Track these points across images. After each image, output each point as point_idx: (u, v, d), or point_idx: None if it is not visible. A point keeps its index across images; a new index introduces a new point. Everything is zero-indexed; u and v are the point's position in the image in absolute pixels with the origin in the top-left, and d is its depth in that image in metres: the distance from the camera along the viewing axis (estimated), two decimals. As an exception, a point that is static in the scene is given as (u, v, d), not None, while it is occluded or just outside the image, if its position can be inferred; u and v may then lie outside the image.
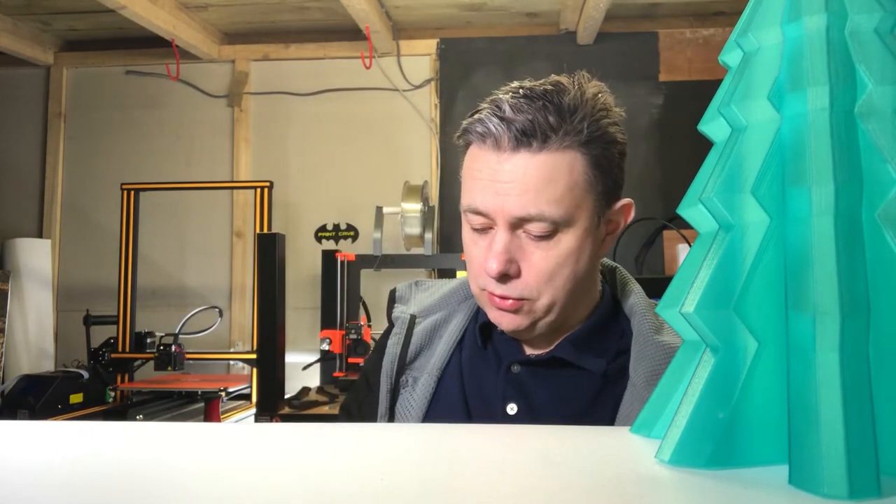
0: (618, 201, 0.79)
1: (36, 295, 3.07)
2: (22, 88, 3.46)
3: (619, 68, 3.18)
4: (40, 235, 3.33)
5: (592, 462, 0.34)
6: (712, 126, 0.38)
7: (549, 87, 0.75)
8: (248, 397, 2.75)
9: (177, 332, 2.60)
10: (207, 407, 2.49)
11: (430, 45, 3.26)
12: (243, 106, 3.31)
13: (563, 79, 0.78)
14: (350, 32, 3.14)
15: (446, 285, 0.93)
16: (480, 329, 0.85)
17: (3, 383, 2.54)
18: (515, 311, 0.76)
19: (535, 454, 0.36)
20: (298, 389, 2.40)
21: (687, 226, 1.40)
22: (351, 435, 0.41)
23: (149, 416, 2.40)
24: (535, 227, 0.73)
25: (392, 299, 0.97)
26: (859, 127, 0.32)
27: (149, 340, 2.75)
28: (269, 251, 2.29)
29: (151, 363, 2.62)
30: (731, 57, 0.38)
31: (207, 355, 2.80)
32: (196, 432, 0.44)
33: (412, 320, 0.90)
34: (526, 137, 0.72)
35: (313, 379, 2.60)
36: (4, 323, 2.84)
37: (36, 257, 3.11)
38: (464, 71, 3.24)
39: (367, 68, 3.11)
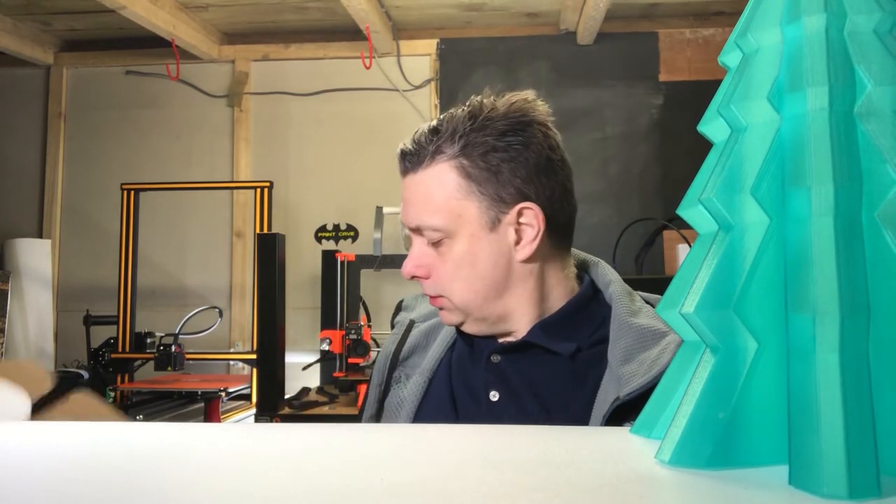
0: (516, 206, 0.83)
1: (36, 295, 3.07)
2: (22, 88, 3.46)
3: (619, 68, 3.18)
4: (40, 235, 3.33)
5: (592, 462, 0.34)
6: (712, 126, 0.38)
7: (446, 113, 0.87)
8: (248, 397, 2.75)
9: (177, 332, 2.60)
10: (207, 407, 2.49)
11: (430, 45, 3.26)
12: (243, 106, 3.31)
13: (476, 100, 0.86)
14: (350, 32, 3.14)
15: None
16: (459, 330, 0.92)
17: (3, 383, 2.53)
18: (443, 308, 0.87)
19: (535, 454, 0.36)
20: (298, 389, 2.40)
21: (687, 226, 1.40)
22: (351, 435, 0.41)
23: (149, 416, 2.40)
24: (427, 236, 0.85)
25: (398, 308, 1.06)
26: (859, 127, 0.32)
27: (149, 340, 2.75)
28: (269, 251, 2.29)
29: (151, 363, 2.61)
30: (730, 58, 0.38)
31: (207, 355, 2.80)
32: (196, 432, 0.44)
33: (411, 324, 0.98)
34: (409, 162, 0.86)
35: (313, 379, 2.60)
36: (4, 323, 2.84)
37: (36, 257, 3.11)
38: (464, 71, 3.24)
39: (367, 68, 3.11)
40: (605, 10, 2.81)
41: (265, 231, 2.69)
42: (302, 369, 2.56)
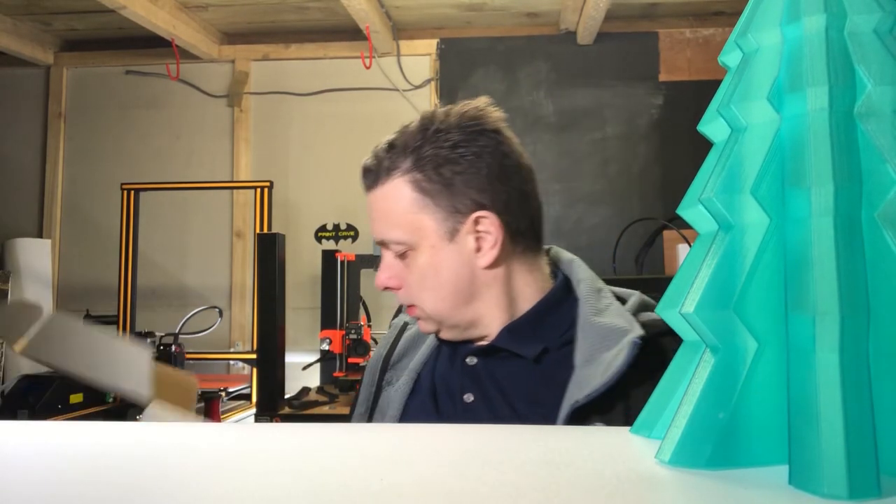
0: (472, 215, 0.84)
1: (36, 295, 3.07)
2: (22, 88, 3.46)
3: (619, 68, 3.18)
4: (40, 235, 3.33)
5: (592, 462, 0.34)
6: (712, 127, 0.38)
7: (402, 127, 0.89)
8: (248, 397, 2.75)
9: (177, 332, 2.60)
10: (207, 407, 2.49)
11: (430, 45, 3.26)
12: (243, 106, 3.31)
13: (428, 112, 0.89)
14: (350, 32, 3.14)
15: None
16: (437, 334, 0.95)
17: (3, 383, 2.54)
18: (419, 318, 0.89)
19: (535, 454, 0.36)
20: (298, 389, 2.40)
21: (687, 226, 1.41)
22: (351, 435, 0.41)
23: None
24: (393, 248, 0.88)
25: (398, 311, 1.10)
26: (859, 127, 0.32)
27: (149, 340, 2.74)
28: (269, 251, 2.29)
29: (151, 363, 2.61)
30: (730, 58, 0.38)
31: (207, 355, 2.80)
32: (196, 432, 0.44)
33: (404, 326, 1.00)
34: (368, 179, 0.88)
35: (313, 379, 2.60)
36: (4, 323, 2.83)
37: (36, 257, 3.11)
38: (464, 71, 3.23)
39: (367, 68, 3.11)
40: (605, 10, 2.81)
41: (265, 231, 2.69)
42: (302, 369, 2.56)
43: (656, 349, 0.76)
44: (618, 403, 0.75)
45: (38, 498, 0.31)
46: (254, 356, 2.45)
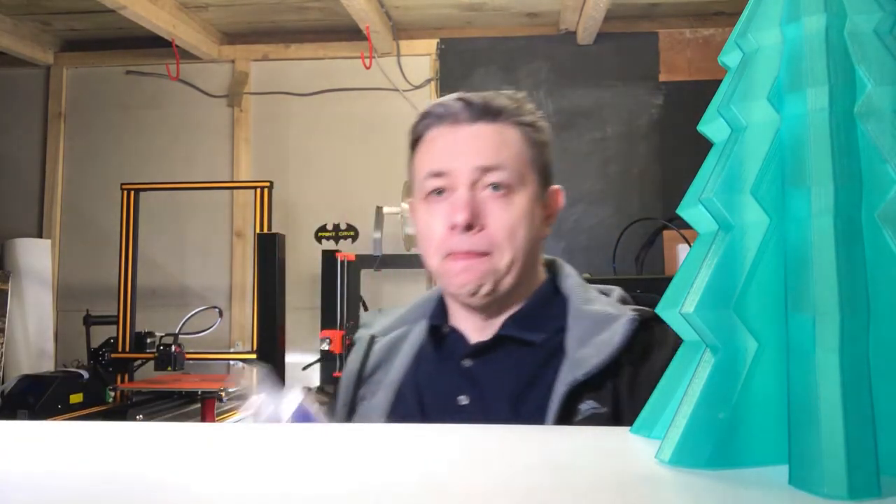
0: (551, 186, 0.91)
1: (36, 295, 3.07)
2: (22, 88, 3.45)
3: (618, 68, 3.18)
4: (40, 235, 3.33)
5: (592, 462, 0.34)
6: (712, 126, 0.38)
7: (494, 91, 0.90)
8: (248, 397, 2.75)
9: (177, 332, 2.60)
10: (203, 407, 2.49)
11: (430, 45, 3.26)
12: (243, 106, 3.31)
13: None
14: (350, 32, 3.14)
15: (406, 306, 1.01)
16: (431, 330, 0.92)
17: (3, 383, 2.54)
18: (479, 275, 0.83)
19: (535, 454, 0.36)
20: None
21: (687, 226, 1.40)
22: (350, 435, 0.41)
23: (149, 416, 2.40)
24: (496, 176, 0.83)
25: (356, 324, 1.08)
26: (859, 127, 0.32)
27: (149, 340, 2.74)
28: (269, 251, 2.29)
29: (151, 363, 2.61)
30: (730, 58, 0.38)
31: (207, 355, 2.80)
32: (196, 432, 0.44)
33: (372, 339, 0.98)
34: (481, 112, 0.86)
35: (313, 379, 2.60)
36: (4, 323, 2.84)
37: (36, 257, 3.11)
38: (464, 71, 3.23)
39: (367, 68, 3.11)
40: (605, 10, 2.81)
41: (265, 231, 2.69)
42: (302, 369, 2.56)
43: (645, 330, 0.81)
44: (607, 382, 0.79)
45: (38, 498, 0.31)
46: (254, 356, 2.45)
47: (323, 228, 2.82)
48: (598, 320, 0.83)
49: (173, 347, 2.52)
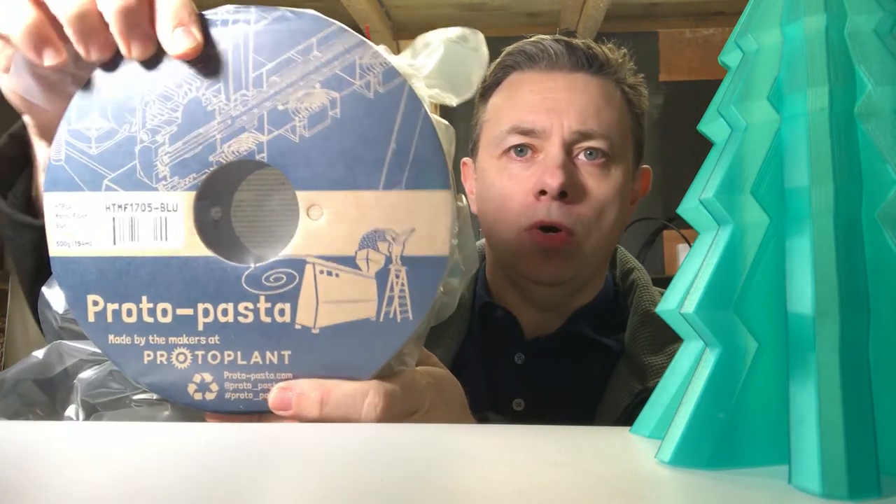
0: (642, 166, 0.78)
1: (36, 295, 3.07)
2: (22, 88, 3.45)
3: (619, 68, 3.18)
4: (40, 235, 3.33)
5: (592, 462, 0.35)
6: (712, 127, 0.38)
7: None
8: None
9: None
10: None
11: (430, 45, 3.26)
12: (243, 106, 3.31)
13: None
14: (350, 32, 3.14)
15: None
16: (481, 310, 0.77)
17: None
18: (562, 255, 0.70)
19: (535, 454, 0.36)
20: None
21: (687, 226, 1.40)
22: (350, 435, 0.41)
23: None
24: (595, 143, 0.69)
25: None
26: (859, 127, 0.32)
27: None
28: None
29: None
30: (730, 57, 0.38)
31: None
32: (195, 432, 0.44)
33: None
34: (585, 59, 0.71)
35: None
36: (4, 323, 2.84)
37: (36, 257, 3.11)
38: (464, 71, 3.23)
39: (367, 68, 3.10)
40: (605, 10, 2.81)
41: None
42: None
43: None
44: None
45: (36, 499, 0.31)
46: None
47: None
48: (667, 326, 0.76)
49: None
